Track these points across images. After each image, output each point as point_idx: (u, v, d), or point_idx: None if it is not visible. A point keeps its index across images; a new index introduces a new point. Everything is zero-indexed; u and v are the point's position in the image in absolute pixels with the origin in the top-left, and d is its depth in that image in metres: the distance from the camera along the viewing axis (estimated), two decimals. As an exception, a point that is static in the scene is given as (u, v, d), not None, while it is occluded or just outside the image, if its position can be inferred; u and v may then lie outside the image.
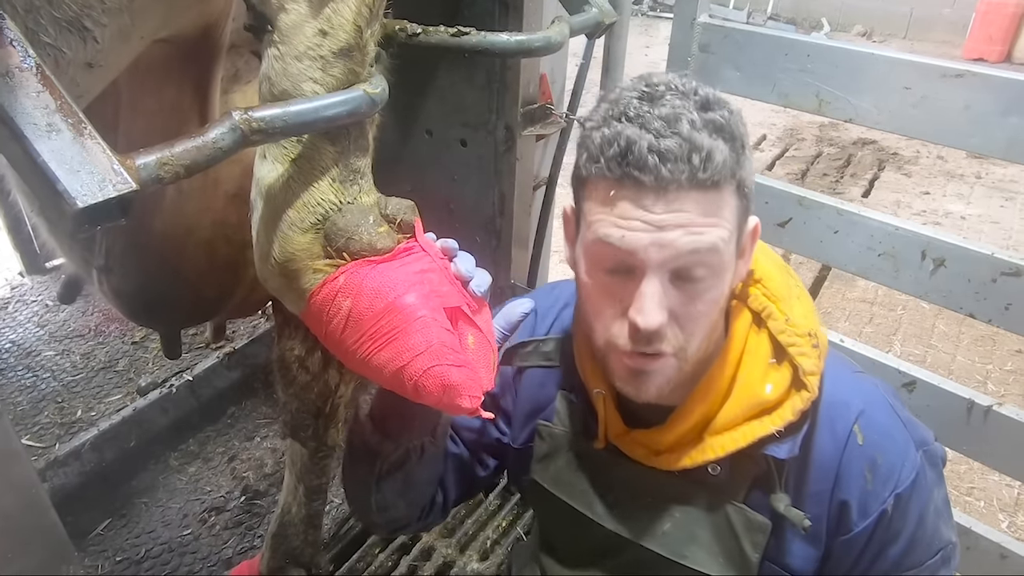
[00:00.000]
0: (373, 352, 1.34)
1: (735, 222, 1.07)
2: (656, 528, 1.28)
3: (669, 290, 1.07)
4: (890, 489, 1.17)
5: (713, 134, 1.01)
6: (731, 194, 1.05)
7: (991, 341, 4.26)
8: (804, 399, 1.15)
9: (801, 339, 1.16)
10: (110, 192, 0.96)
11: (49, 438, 3.20)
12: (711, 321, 1.12)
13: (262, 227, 1.49)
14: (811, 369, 1.14)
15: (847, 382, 1.24)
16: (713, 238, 1.03)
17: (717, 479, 1.22)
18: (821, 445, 1.19)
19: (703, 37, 2.12)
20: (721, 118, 1.03)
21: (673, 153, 0.99)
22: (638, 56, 9.32)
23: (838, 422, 1.19)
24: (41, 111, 0.97)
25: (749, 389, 1.18)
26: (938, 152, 6.85)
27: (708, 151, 1.00)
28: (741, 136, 1.05)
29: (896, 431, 1.20)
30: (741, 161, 1.05)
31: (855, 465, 1.18)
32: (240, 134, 1.21)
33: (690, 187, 1.01)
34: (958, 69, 1.82)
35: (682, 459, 1.21)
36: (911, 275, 1.99)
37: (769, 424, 1.16)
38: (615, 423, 1.30)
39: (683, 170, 0.99)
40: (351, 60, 1.39)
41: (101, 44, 1.30)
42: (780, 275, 1.23)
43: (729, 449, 1.17)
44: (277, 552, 2.34)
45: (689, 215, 1.02)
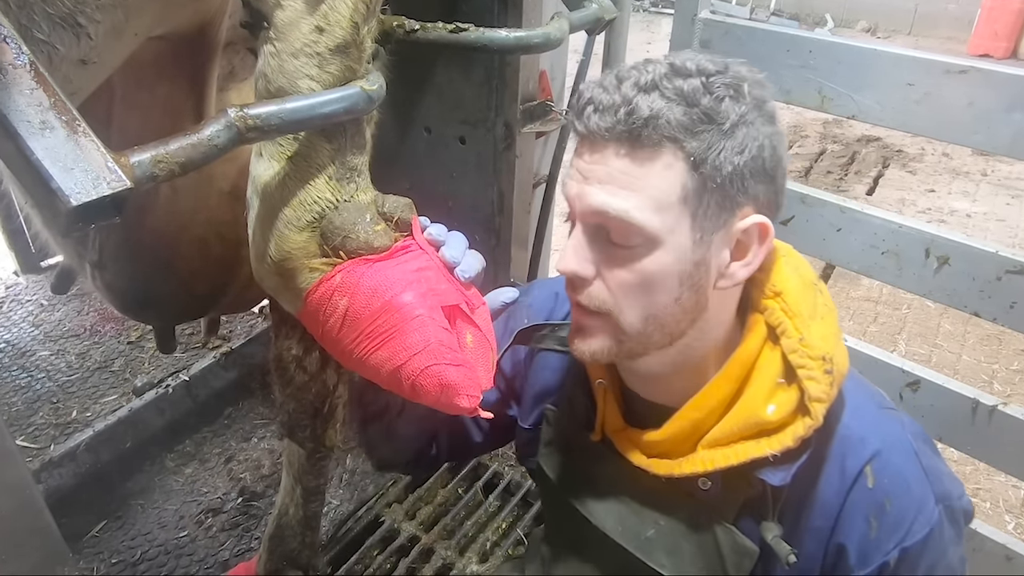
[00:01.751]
0: (370, 351, 1.33)
1: (671, 196, 1.01)
2: (639, 532, 1.25)
3: (596, 246, 1.08)
4: (895, 541, 1.08)
5: (662, 95, 0.99)
6: (669, 162, 1.00)
7: (997, 340, 4.24)
8: (806, 426, 1.07)
9: (813, 362, 1.07)
10: (104, 190, 0.96)
11: (44, 439, 3.18)
12: (650, 301, 1.07)
13: (258, 225, 1.48)
14: (818, 395, 1.06)
15: (870, 417, 1.16)
16: (625, 205, 1.01)
17: (708, 495, 1.17)
18: (827, 480, 1.12)
19: (704, 33, 2.11)
20: (688, 85, 0.99)
21: (604, 104, 1.01)
22: (639, 52, 9.20)
23: (849, 459, 1.11)
24: (35, 108, 0.96)
25: (750, 407, 1.11)
26: (943, 149, 6.83)
27: (635, 105, 0.99)
28: (713, 108, 0.99)
29: (914, 479, 1.11)
30: (700, 133, 0.99)
31: (860, 508, 1.10)
32: (236, 131, 1.20)
33: (613, 140, 1.01)
34: (962, 65, 1.80)
35: (671, 466, 1.17)
36: (915, 273, 1.97)
37: (766, 446, 1.08)
38: (613, 417, 1.27)
39: (607, 120, 1.00)
40: (348, 57, 1.39)
41: (95, 41, 1.29)
42: (804, 291, 1.15)
43: (719, 465, 1.11)
44: (274, 554, 2.32)
45: (608, 170, 1.02)
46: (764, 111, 1.04)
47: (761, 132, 1.03)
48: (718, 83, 1.00)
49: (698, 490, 1.17)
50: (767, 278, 1.16)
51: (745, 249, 1.09)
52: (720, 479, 1.15)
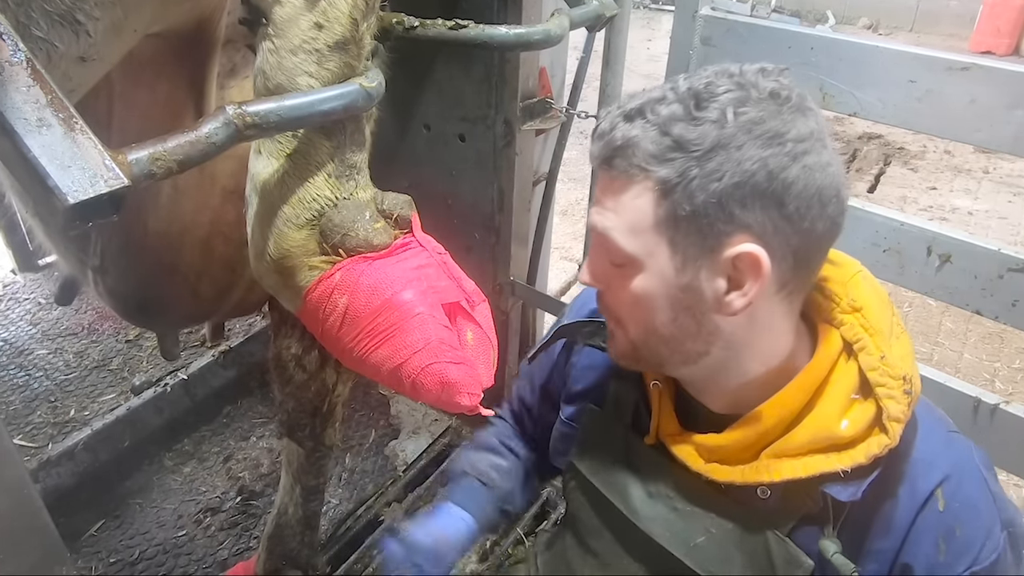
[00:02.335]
0: (370, 349, 1.33)
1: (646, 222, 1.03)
2: (688, 538, 1.22)
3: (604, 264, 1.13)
4: (965, 565, 1.07)
5: (645, 123, 1.01)
6: (639, 191, 1.03)
7: (999, 339, 4.23)
8: (881, 444, 1.05)
9: (894, 381, 1.06)
10: (101, 188, 0.95)
11: (42, 438, 3.17)
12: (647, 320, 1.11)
13: (257, 223, 1.48)
14: (897, 415, 1.05)
15: (939, 441, 1.14)
16: (606, 223, 1.08)
17: (765, 504, 1.15)
18: (895, 501, 1.10)
19: (705, 30, 2.09)
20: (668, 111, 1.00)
21: (599, 130, 1.08)
22: (640, 49, 9.27)
23: (920, 481, 1.09)
24: (31, 106, 0.96)
25: (824, 420, 1.09)
26: (945, 147, 6.80)
27: (612, 135, 1.04)
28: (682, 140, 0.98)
29: (983, 505, 1.10)
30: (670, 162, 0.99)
31: (929, 531, 1.08)
32: (234, 129, 1.20)
33: (605, 167, 1.07)
34: (964, 62, 1.79)
35: (732, 473, 1.15)
36: (916, 271, 1.96)
37: (836, 461, 1.07)
38: (669, 421, 1.25)
39: (595, 148, 1.08)
40: (347, 53, 1.39)
41: (94, 38, 1.28)
42: (883, 309, 1.14)
43: (786, 476, 1.09)
44: (273, 553, 2.32)
45: (600, 194, 1.10)
46: (757, 133, 0.98)
47: (749, 156, 0.97)
48: (703, 107, 0.99)
49: (755, 499, 1.15)
50: (843, 292, 1.15)
51: (741, 278, 1.04)
52: (780, 490, 1.13)
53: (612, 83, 2.44)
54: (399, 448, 3.23)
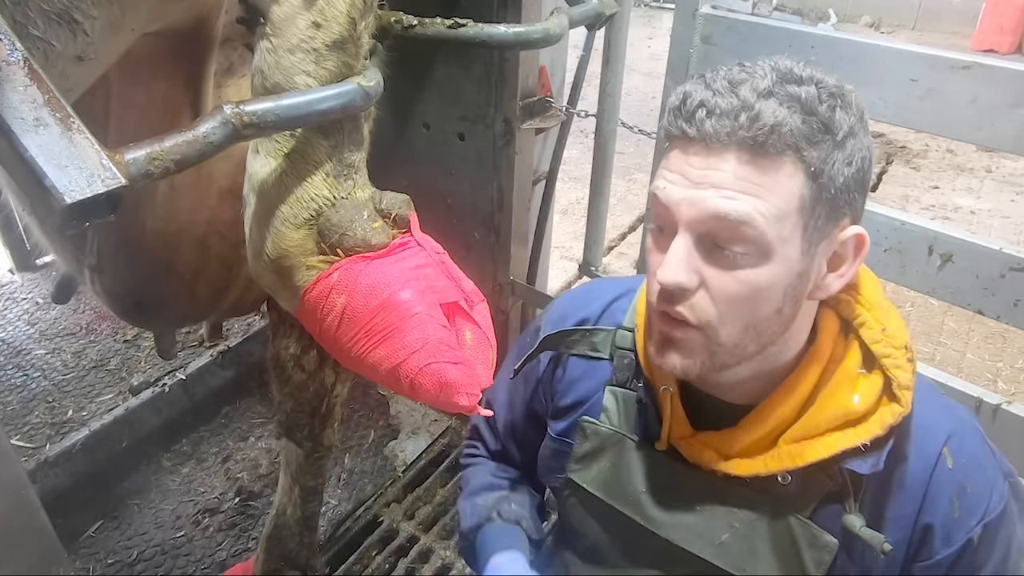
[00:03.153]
0: (368, 349, 1.33)
1: (790, 205, 0.99)
2: (713, 538, 1.21)
3: (701, 255, 1.03)
4: (978, 518, 1.10)
5: (780, 102, 0.97)
6: (791, 172, 0.98)
7: (1001, 339, 4.21)
8: (895, 413, 1.08)
9: (897, 351, 1.10)
10: (99, 188, 0.95)
11: (39, 438, 3.16)
12: (753, 312, 1.05)
13: (255, 223, 1.48)
14: (907, 383, 1.08)
15: (937, 405, 1.18)
16: (747, 207, 0.98)
17: (785, 490, 1.15)
18: (908, 467, 1.12)
19: (705, 28, 2.09)
20: (804, 93, 0.97)
21: (721, 108, 0.97)
22: (640, 48, 9.24)
23: (926, 444, 1.12)
24: (28, 105, 0.96)
25: (836, 398, 1.11)
26: (947, 145, 6.76)
27: (759, 111, 0.96)
28: (829, 119, 0.98)
29: (986, 459, 1.14)
30: (817, 142, 0.98)
31: (944, 490, 1.11)
32: (232, 128, 1.20)
33: (734, 145, 0.97)
34: (965, 61, 1.79)
35: (755, 465, 1.15)
36: (918, 271, 1.95)
37: (855, 437, 1.08)
38: (681, 424, 1.23)
39: (726, 126, 0.97)
40: (345, 53, 1.39)
41: (91, 37, 1.28)
42: (873, 285, 1.17)
43: (809, 459, 1.10)
44: (272, 554, 2.32)
45: (725, 176, 0.98)
46: (864, 122, 1.03)
47: (864, 144, 1.02)
48: (826, 91, 0.99)
49: (775, 486, 1.15)
50: None
51: (841, 260, 1.08)
52: (800, 473, 1.13)
53: (612, 82, 2.43)
54: (398, 448, 3.23)
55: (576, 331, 1.39)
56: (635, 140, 6.04)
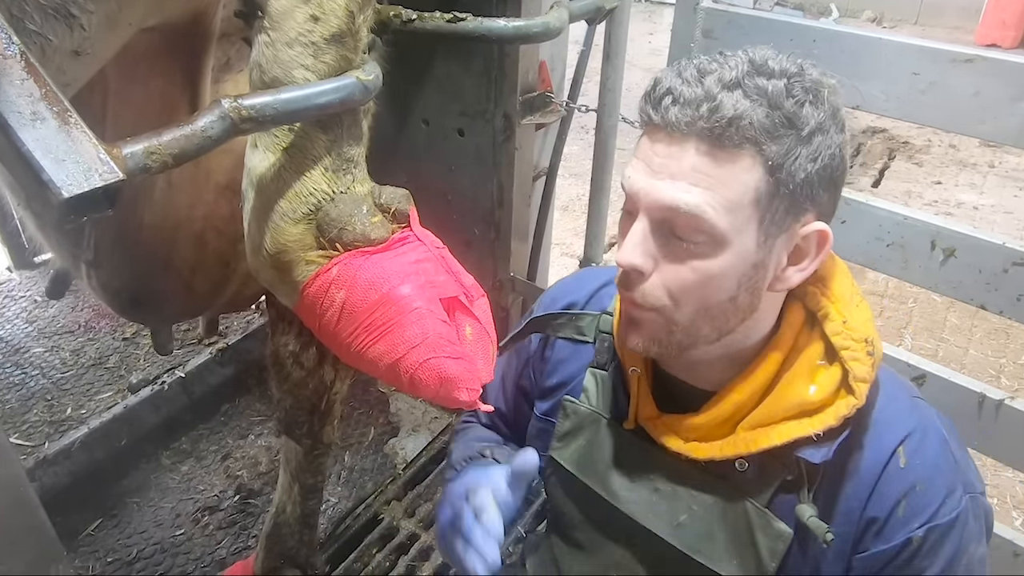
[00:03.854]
0: (368, 345, 1.33)
1: (745, 198, 1.01)
2: (671, 518, 1.25)
3: (658, 241, 1.06)
4: (922, 521, 1.11)
5: (746, 95, 0.97)
6: (748, 165, 0.99)
7: (1004, 334, 4.19)
8: (849, 405, 1.10)
9: (856, 344, 1.11)
10: (96, 182, 0.95)
11: (38, 436, 3.14)
12: (706, 299, 1.07)
13: (253, 218, 1.48)
14: (863, 376, 1.10)
15: (902, 404, 1.19)
16: (698, 200, 0.99)
17: (743, 476, 1.18)
18: (861, 461, 1.14)
19: (706, 23, 2.08)
20: (772, 86, 0.97)
21: (685, 97, 0.98)
22: (641, 43, 9.20)
23: (883, 440, 1.14)
24: (25, 99, 0.96)
25: (793, 388, 1.13)
26: (950, 141, 6.73)
27: (720, 102, 0.96)
28: (795, 113, 0.98)
29: (944, 465, 1.14)
30: (779, 136, 0.98)
31: (891, 488, 1.12)
32: (230, 122, 1.20)
33: (692, 135, 0.99)
34: (968, 54, 1.78)
35: (711, 449, 1.18)
36: (920, 266, 1.95)
37: (808, 426, 1.11)
38: (647, 405, 1.27)
39: (687, 115, 0.98)
40: (343, 46, 1.38)
41: (88, 31, 1.28)
42: (842, 279, 1.19)
43: (762, 445, 1.13)
44: (272, 552, 2.31)
45: (683, 166, 1.00)
46: (838, 119, 1.04)
47: (834, 141, 1.03)
48: (799, 86, 0.99)
49: (734, 473, 1.18)
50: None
51: (802, 255, 1.10)
52: (757, 460, 1.16)
53: (613, 77, 2.42)
54: (399, 446, 3.22)
55: (563, 314, 1.45)
56: (636, 136, 6.00)
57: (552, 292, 1.54)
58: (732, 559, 1.20)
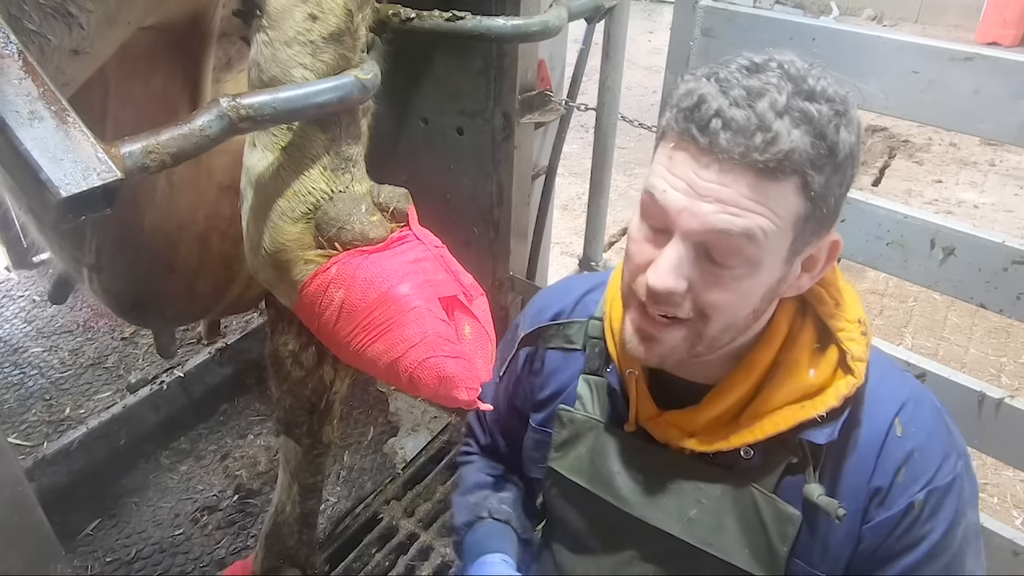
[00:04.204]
0: (367, 344, 1.33)
1: (787, 222, 1.00)
2: (682, 514, 1.25)
3: (694, 262, 1.04)
4: (922, 484, 1.13)
5: (796, 122, 0.95)
6: (793, 191, 0.98)
7: (1005, 333, 4.18)
8: (849, 384, 1.13)
9: (851, 324, 1.15)
10: (94, 181, 0.95)
11: (37, 436, 3.14)
12: (736, 314, 1.08)
13: (252, 217, 1.48)
14: (860, 355, 1.13)
15: (895, 379, 1.21)
16: (750, 224, 0.98)
17: (748, 464, 1.19)
18: (861, 438, 1.16)
19: (705, 21, 2.07)
20: (816, 112, 0.96)
21: (738, 123, 0.95)
22: (641, 41, 9.19)
23: (880, 416, 1.16)
24: (23, 98, 0.96)
25: (793, 373, 1.16)
26: (951, 139, 6.72)
27: (776, 134, 0.94)
28: (834, 140, 0.97)
29: (938, 432, 1.17)
30: (820, 164, 0.97)
31: (891, 456, 1.14)
32: (228, 121, 1.20)
33: (743, 164, 0.96)
34: (967, 52, 1.77)
35: (717, 441, 1.18)
36: (920, 264, 1.94)
37: (811, 409, 1.13)
38: (647, 405, 1.27)
39: (741, 144, 0.95)
40: (342, 45, 1.39)
41: (87, 30, 1.28)
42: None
43: (769, 432, 1.14)
44: (271, 552, 2.31)
45: (732, 193, 0.98)
46: (860, 135, 1.04)
47: (856, 161, 1.03)
48: (834, 108, 0.98)
49: (739, 461, 1.20)
50: None
51: (815, 263, 1.12)
52: (762, 447, 1.18)
53: (612, 75, 2.42)
54: (398, 445, 3.21)
55: (551, 325, 1.45)
56: (635, 134, 6.04)
57: (536, 304, 1.52)
58: (744, 548, 1.21)
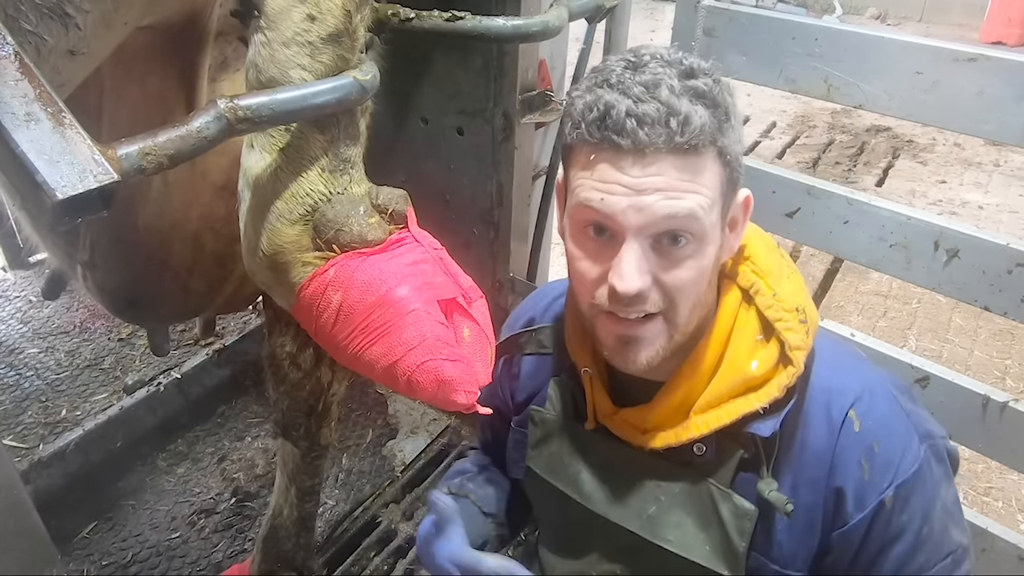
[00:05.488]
0: (365, 347, 1.33)
1: (717, 190, 1.06)
2: (641, 511, 1.27)
3: (650, 255, 1.07)
4: (889, 480, 1.14)
5: (693, 99, 1.02)
6: (712, 160, 1.05)
7: (1010, 335, 4.16)
8: (790, 375, 1.14)
9: (788, 314, 1.16)
10: (91, 183, 0.95)
11: (33, 438, 3.13)
12: (698, 291, 1.11)
13: (250, 219, 1.47)
14: (797, 344, 1.13)
15: (847, 368, 1.23)
16: (691, 204, 1.03)
17: (703, 460, 1.21)
18: (815, 430, 1.17)
19: (707, 21, 2.07)
20: (704, 85, 1.03)
21: (651, 117, 1.00)
22: (642, 41, 9.09)
23: (834, 407, 1.17)
24: (19, 100, 0.96)
25: (735, 366, 1.17)
26: (955, 140, 6.70)
27: (686, 115, 1.00)
28: (725, 104, 1.05)
29: (896, 420, 1.18)
30: (723, 128, 1.04)
31: (851, 452, 1.15)
32: (226, 123, 1.20)
33: (668, 151, 1.01)
34: (971, 53, 1.77)
35: (667, 437, 1.20)
36: (924, 266, 1.94)
37: (754, 401, 1.14)
38: (603, 403, 1.29)
39: (660, 133, 1.00)
40: (340, 46, 1.39)
41: (83, 31, 1.28)
42: (769, 253, 1.24)
43: (713, 426, 1.16)
44: (268, 555, 2.30)
45: (667, 179, 1.03)
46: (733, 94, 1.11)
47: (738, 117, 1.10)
48: (711, 77, 1.06)
49: (694, 458, 1.21)
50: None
51: (736, 222, 1.17)
52: (714, 442, 1.19)
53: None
54: (397, 448, 3.20)
55: (524, 332, 1.49)
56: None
57: (514, 313, 1.58)
58: (704, 544, 1.23)
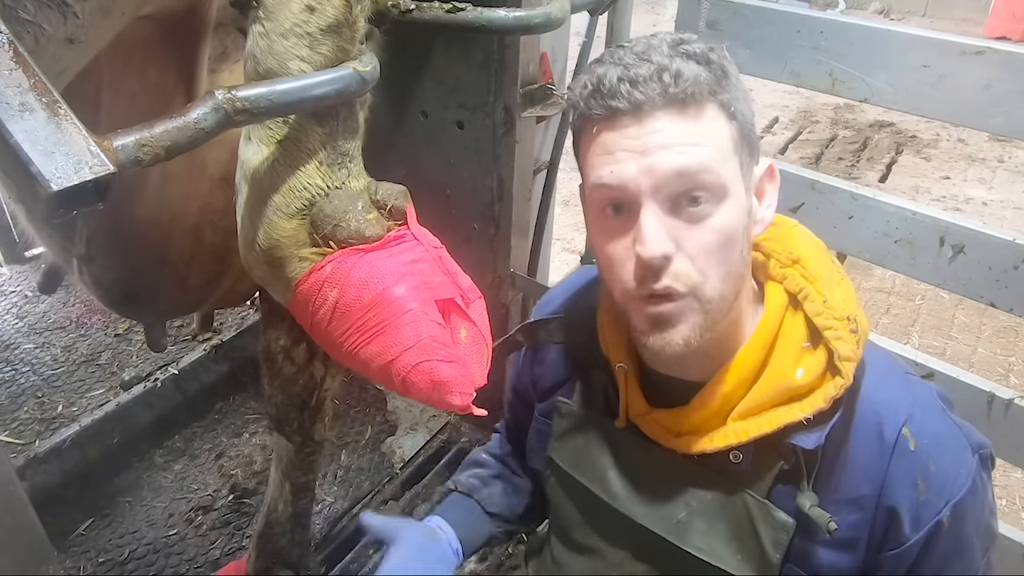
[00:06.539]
0: (360, 345, 1.32)
1: (727, 146, 1.06)
2: (670, 515, 1.24)
3: (671, 221, 1.05)
4: (945, 499, 1.10)
5: (686, 59, 1.04)
6: (715, 114, 1.05)
7: (1014, 332, 4.14)
8: (837, 386, 1.09)
9: (839, 322, 1.11)
10: (86, 175, 0.94)
11: (29, 434, 3.11)
12: (728, 258, 1.07)
13: (247, 212, 1.46)
14: (847, 355, 1.08)
15: (897, 383, 1.17)
16: (700, 156, 1.03)
17: (739, 468, 1.17)
18: (863, 446, 1.12)
19: (711, 14, 2.06)
20: (695, 48, 1.05)
21: (644, 75, 1.02)
22: (645, 34, 9.15)
23: (886, 425, 1.12)
24: (14, 89, 0.95)
25: (779, 373, 1.12)
26: (959, 135, 6.69)
27: (678, 69, 1.02)
28: (721, 63, 1.06)
29: (950, 437, 1.14)
30: (723, 84, 1.05)
31: (906, 473, 1.10)
32: (223, 114, 1.18)
33: (664, 104, 1.02)
34: (978, 46, 1.76)
35: (702, 442, 1.16)
36: (929, 262, 1.92)
37: (798, 411, 1.10)
38: (637, 401, 1.25)
39: (654, 88, 1.02)
40: (340, 37, 1.37)
41: (82, 19, 1.28)
42: (820, 256, 1.19)
43: (753, 434, 1.12)
44: (263, 552, 2.29)
45: (668, 134, 1.03)
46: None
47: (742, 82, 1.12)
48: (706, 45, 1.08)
49: (729, 465, 1.17)
50: (781, 247, 1.21)
51: (763, 193, 1.16)
52: (751, 451, 1.16)
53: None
54: (396, 445, 3.19)
55: (554, 318, 1.45)
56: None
57: (546, 295, 1.55)
58: (736, 554, 1.19)
